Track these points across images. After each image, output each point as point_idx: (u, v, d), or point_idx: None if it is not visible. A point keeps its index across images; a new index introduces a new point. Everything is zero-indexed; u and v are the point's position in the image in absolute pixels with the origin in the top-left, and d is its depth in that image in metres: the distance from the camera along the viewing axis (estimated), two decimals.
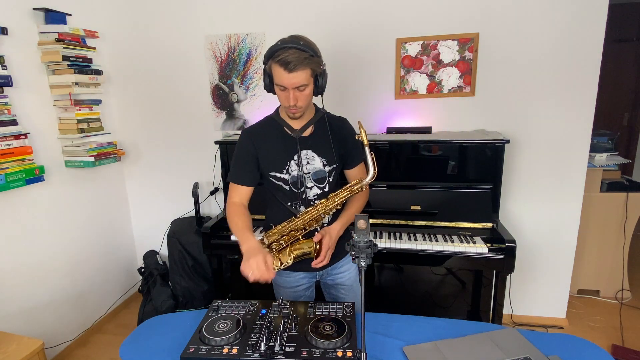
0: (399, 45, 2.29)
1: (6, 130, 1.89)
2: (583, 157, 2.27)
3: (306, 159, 1.38)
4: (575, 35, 2.11)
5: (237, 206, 1.40)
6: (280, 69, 1.20)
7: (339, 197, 1.35)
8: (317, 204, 1.36)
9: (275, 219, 1.42)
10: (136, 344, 1.20)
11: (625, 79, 3.97)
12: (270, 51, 1.23)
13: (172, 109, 2.68)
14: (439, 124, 2.36)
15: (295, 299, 1.51)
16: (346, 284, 1.52)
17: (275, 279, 1.50)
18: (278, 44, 1.21)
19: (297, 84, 1.23)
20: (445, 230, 2.05)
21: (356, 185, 1.35)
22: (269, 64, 1.26)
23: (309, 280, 1.52)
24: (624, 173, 2.81)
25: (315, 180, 1.39)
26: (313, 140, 1.39)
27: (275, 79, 1.25)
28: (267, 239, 1.38)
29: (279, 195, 1.42)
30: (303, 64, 1.19)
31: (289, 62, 1.18)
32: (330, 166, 1.40)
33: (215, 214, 2.73)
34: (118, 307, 2.80)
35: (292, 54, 1.18)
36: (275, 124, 1.40)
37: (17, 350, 1.60)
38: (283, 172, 1.38)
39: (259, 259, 1.20)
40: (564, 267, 2.44)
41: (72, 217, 2.39)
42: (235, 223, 1.36)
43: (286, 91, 1.25)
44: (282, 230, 1.37)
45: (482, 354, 1.08)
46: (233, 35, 2.47)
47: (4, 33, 1.90)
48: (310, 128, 1.40)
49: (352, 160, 1.46)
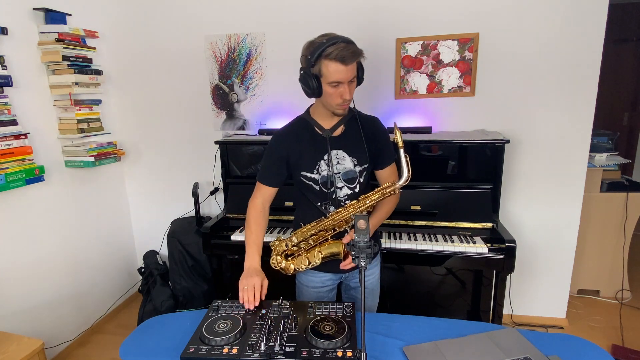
0: (399, 45, 2.29)
1: (6, 130, 1.89)
2: (583, 157, 2.27)
3: (336, 158, 1.37)
4: (575, 35, 2.11)
5: (257, 211, 1.42)
6: (335, 64, 1.19)
7: (370, 199, 1.33)
8: (348, 205, 1.35)
9: (305, 219, 1.42)
10: (136, 344, 1.20)
11: (625, 79, 3.97)
12: (316, 51, 1.20)
13: (172, 109, 2.68)
14: (439, 124, 2.36)
15: (318, 299, 1.49)
16: (368, 287, 1.52)
17: (300, 278, 1.51)
18: (322, 42, 1.20)
19: (351, 77, 1.23)
20: (445, 230, 2.05)
21: (388, 188, 1.33)
22: (317, 65, 1.23)
23: (333, 282, 1.51)
24: (624, 173, 2.81)
25: (346, 181, 1.38)
26: (344, 139, 1.38)
27: (329, 76, 1.22)
28: (296, 237, 1.38)
29: (309, 195, 1.41)
30: (355, 55, 1.21)
31: (345, 55, 1.18)
32: (361, 166, 1.39)
33: (215, 214, 2.73)
34: (118, 307, 2.80)
35: (344, 47, 1.18)
36: (306, 124, 1.40)
37: (17, 350, 1.60)
38: (313, 172, 1.37)
39: (256, 282, 1.27)
40: (564, 267, 2.44)
41: (72, 217, 2.39)
42: (250, 232, 1.39)
43: (340, 87, 1.24)
44: (312, 229, 1.36)
45: (482, 354, 1.08)
46: (233, 35, 2.47)
47: (4, 33, 1.90)
48: (341, 127, 1.39)
49: (384, 161, 1.43)
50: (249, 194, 1.46)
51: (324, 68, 1.22)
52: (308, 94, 1.30)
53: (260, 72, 2.50)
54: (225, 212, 2.32)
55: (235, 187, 2.38)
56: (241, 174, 2.40)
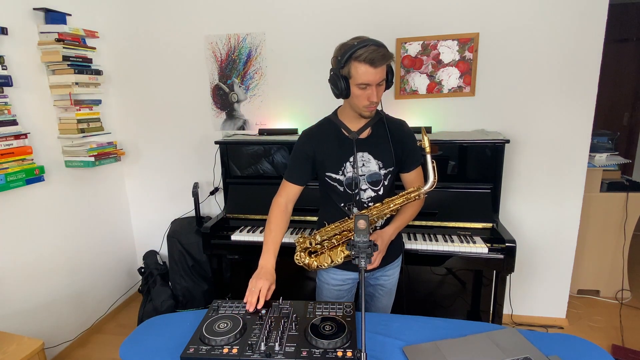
0: (399, 45, 2.29)
1: (6, 130, 1.89)
2: (583, 157, 2.27)
3: (362, 161, 1.38)
4: (575, 35, 2.11)
5: (280, 210, 1.42)
6: (365, 66, 1.20)
7: (395, 202, 1.35)
8: (372, 207, 1.37)
9: (328, 219, 1.44)
10: (136, 344, 1.20)
11: (625, 79, 3.97)
12: (347, 53, 1.21)
13: (172, 109, 2.68)
14: (439, 124, 2.36)
15: (338, 298, 1.52)
16: (386, 287, 1.54)
17: (322, 276, 1.53)
18: (353, 44, 1.21)
19: (379, 80, 1.24)
20: (445, 230, 2.05)
21: (413, 192, 1.35)
22: (346, 66, 1.24)
23: (353, 281, 1.53)
24: (624, 173, 2.81)
25: (370, 183, 1.39)
26: (370, 142, 1.39)
27: (358, 78, 1.23)
28: (319, 236, 1.41)
29: (334, 196, 1.43)
30: (385, 59, 1.21)
31: (374, 58, 1.19)
32: (386, 169, 1.40)
33: (215, 214, 2.72)
34: (118, 307, 2.80)
35: (374, 50, 1.19)
36: (333, 126, 1.41)
37: (17, 350, 1.60)
38: (339, 173, 1.38)
39: (263, 286, 1.25)
40: (564, 267, 2.44)
41: (72, 217, 2.39)
42: (269, 231, 1.39)
43: (368, 89, 1.25)
44: (335, 229, 1.39)
45: (482, 354, 1.08)
46: (233, 35, 2.47)
47: (4, 33, 1.90)
48: (368, 130, 1.40)
49: (410, 164, 1.44)
50: (249, 194, 1.46)
51: (353, 70, 1.23)
52: (336, 95, 1.31)
53: (260, 72, 2.50)
54: (225, 212, 2.32)
55: (235, 187, 2.38)
56: (241, 174, 2.39)
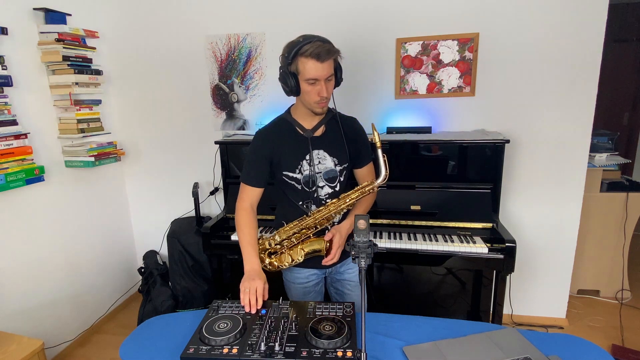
0: (399, 45, 2.29)
1: (6, 130, 1.89)
2: (583, 157, 2.27)
3: (318, 158, 1.40)
4: (575, 35, 2.11)
5: (247, 213, 1.41)
6: (311, 61, 1.22)
7: (350, 197, 1.38)
8: (329, 203, 1.39)
9: (286, 217, 1.45)
10: (136, 344, 1.20)
11: (625, 79, 3.96)
12: (293, 49, 1.24)
13: (172, 109, 2.68)
14: (439, 124, 2.36)
15: (305, 294, 1.54)
16: (353, 280, 1.54)
17: (286, 275, 1.54)
18: (299, 40, 1.24)
19: (327, 75, 1.26)
20: (445, 230, 2.05)
21: (367, 186, 1.38)
22: (294, 63, 1.26)
23: (317, 277, 1.54)
24: (624, 173, 2.81)
25: (327, 180, 1.41)
26: (324, 139, 1.41)
27: (306, 74, 1.25)
28: (278, 236, 1.42)
29: (291, 194, 1.43)
30: (330, 53, 1.23)
31: (319, 52, 1.21)
32: (341, 165, 1.43)
33: (215, 214, 2.72)
34: (118, 307, 2.80)
35: (319, 45, 1.22)
36: (287, 125, 1.42)
37: (17, 350, 1.60)
38: (296, 171, 1.40)
39: (259, 286, 1.26)
40: (564, 267, 2.44)
41: (72, 217, 2.39)
42: (244, 235, 1.38)
43: (316, 85, 1.26)
44: (294, 228, 1.40)
45: (482, 354, 1.08)
46: (233, 35, 2.47)
47: (4, 33, 1.90)
48: (322, 128, 1.42)
49: (362, 160, 1.48)
50: None
51: (300, 65, 1.25)
52: (287, 92, 1.34)
53: (260, 72, 2.50)
54: (225, 212, 2.32)
55: (235, 187, 2.35)
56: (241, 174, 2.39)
